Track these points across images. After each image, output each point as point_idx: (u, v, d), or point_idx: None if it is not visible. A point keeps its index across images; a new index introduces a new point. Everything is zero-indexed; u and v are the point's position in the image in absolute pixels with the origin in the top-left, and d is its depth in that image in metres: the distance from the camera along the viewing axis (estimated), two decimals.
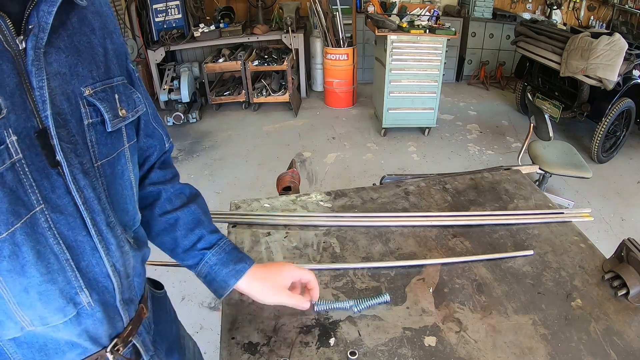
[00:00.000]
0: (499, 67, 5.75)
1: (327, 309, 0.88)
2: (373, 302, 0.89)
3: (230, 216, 1.17)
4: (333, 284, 0.96)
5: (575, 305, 0.89)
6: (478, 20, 5.52)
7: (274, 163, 3.86)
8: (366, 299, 0.90)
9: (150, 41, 5.04)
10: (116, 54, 0.63)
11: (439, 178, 1.38)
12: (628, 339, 0.81)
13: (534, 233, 1.12)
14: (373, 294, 0.92)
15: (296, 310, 0.86)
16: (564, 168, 2.84)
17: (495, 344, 0.81)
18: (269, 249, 1.07)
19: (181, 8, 4.84)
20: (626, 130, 3.93)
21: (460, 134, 4.48)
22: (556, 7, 5.55)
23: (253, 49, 5.30)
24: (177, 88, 4.73)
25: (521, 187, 1.32)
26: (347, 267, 1.00)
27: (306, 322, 0.86)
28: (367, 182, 3.49)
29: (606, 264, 0.99)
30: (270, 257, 1.05)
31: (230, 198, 1.51)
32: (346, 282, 0.97)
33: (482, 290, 0.94)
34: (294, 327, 0.85)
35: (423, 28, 3.93)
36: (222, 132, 4.58)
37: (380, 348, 0.80)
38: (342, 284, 0.96)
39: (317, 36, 5.11)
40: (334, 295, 0.93)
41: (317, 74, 5.48)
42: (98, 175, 0.57)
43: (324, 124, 4.71)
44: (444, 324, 0.86)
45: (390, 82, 4.06)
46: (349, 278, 0.98)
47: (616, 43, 3.34)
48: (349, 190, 1.31)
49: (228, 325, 0.86)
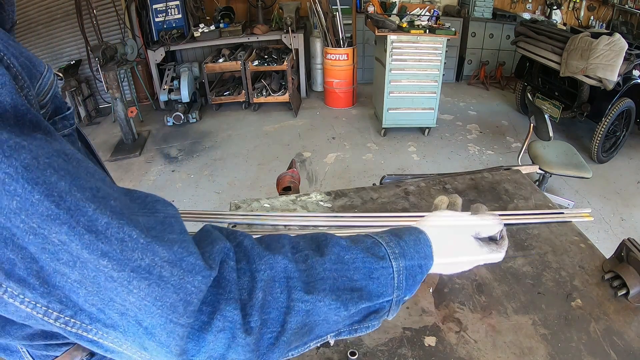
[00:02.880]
0: (499, 67, 5.75)
1: None
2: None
3: (230, 216, 1.17)
4: None
5: (575, 305, 0.89)
6: (478, 20, 5.52)
7: (274, 163, 3.87)
8: None
9: (150, 41, 5.04)
10: None
11: (439, 178, 1.38)
12: (628, 339, 0.81)
13: (534, 233, 1.11)
14: None
15: None
16: (564, 168, 2.84)
17: (495, 344, 0.81)
18: None
19: (181, 8, 4.85)
20: (626, 130, 3.93)
21: (460, 134, 4.48)
22: (556, 7, 5.55)
23: (253, 49, 5.30)
24: (177, 88, 4.73)
25: (521, 187, 1.32)
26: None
27: None
28: (367, 182, 3.49)
29: (606, 264, 0.98)
30: None
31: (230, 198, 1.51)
32: None
33: (482, 290, 0.94)
34: None
35: (423, 28, 3.93)
36: (222, 132, 4.58)
37: (380, 348, 0.80)
38: None
39: (317, 36, 5.11)
40: None
41: (317, 74, 5.48)
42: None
43: (324, 124, 4.71)
44: (444, 324, 0.86)
45: (390, 82, 4.06)
46: None
47: (616, 43, 3.34)
48: (349, 191, 1.31)
49: None
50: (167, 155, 4.15)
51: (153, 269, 0.36)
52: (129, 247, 0.36)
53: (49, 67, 0.53)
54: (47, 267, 0.35)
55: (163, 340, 0.37)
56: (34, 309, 0.36)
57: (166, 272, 0.37)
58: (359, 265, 0.48)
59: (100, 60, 3.94)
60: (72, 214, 0.34)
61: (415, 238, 0.55)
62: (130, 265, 0.35)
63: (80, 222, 0.34)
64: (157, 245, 0.37)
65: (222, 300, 0.40)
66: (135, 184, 3.64)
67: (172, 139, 4.48)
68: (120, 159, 4.11)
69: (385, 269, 0.50)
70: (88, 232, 0.34)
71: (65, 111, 0.53)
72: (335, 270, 0.47)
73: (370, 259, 0.49)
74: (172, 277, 0.37)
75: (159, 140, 4.48)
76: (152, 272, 0.36)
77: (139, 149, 4.23)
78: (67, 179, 0.35)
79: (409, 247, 0.53)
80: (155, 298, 0.36)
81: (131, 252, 0.36)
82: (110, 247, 0.35)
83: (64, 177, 0.35)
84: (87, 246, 0.34)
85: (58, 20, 4.81)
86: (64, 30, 4.88)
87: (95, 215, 0.35)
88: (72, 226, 0.34)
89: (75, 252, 0.34)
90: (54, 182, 0.34)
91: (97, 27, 4.46)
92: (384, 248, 0.52)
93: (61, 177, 0.35)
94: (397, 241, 0.53)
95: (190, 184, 3.58)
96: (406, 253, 0.52)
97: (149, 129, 4.71)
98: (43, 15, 4.77)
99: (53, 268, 0.35)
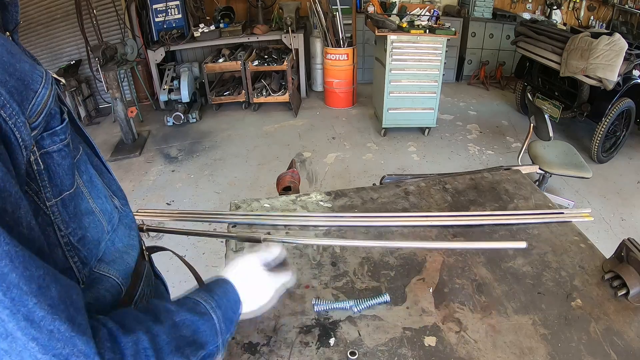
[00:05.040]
0: (499, 67, 5.75)
1: (327, 309, 0.88)
2: (373, 302, 0.89)
3: (230, 216, 1.17)
4: (333, 284, 0.96)
5: (575, 305, 0.89)
6: (478, 20, 5.52)
7: (274, 163, 3.86)
8: (366, 299, 0.90)
9: (150, 41, 5.04)
10: None
11: (439, 178, 1.38)
12: (628, 339, 0.81)
13: (534, 233, 1.12)
14: (373, 294, 0.92)
15: (296, 310, 0.86)
16: (564, 168, 2.84)
17: (495, 344, 0.81)
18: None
19: (181, 8, 4.85)
20: (626, 130, 3.93)
21: (460, 134, 4.48)
22: (556, 7, 5.55)
23: (253, 49, 5.30)
24: (177, 88, 4.73)
25: (521, 187, 1.32)
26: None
27: (306, 322, 0.86)
28: (367, 182, 3.49)
29: (606, 264, 0.99)
30: None
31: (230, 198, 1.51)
32: (346, 282, 0.97)
33: (482, 290, 0.94)
34: (294, 327, 0.85)
35: (423, 28, 3.93)
36: (222, 132, 4.58)
37: (380, 348, 0.80)
38: (342, 284, 0.96)
39: (317, 36, 5.11)
40: (333, 295, 0.93)
41: (317, 74, 5.48)
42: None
43: (324, 124, 4.71)
44: (444, 324, 0.86)
45: (390, 82, 4.06)
46: (348, 278, 0.98)
47: (616, 43, 3.34)
48: (349, 191, 1.31)
49: None
50: (167, 155, 4.15)
51: (70, 357, 0.43)
52: (56, 337, 0.42)
53: (47, 77, 0.52)
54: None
55: None
56: None
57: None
58: (189, 324, 0.58)
59: (100, 60, 3.94)
60: (15, 303, 0.40)
61: (224, 290, 0.67)
62: (53, 352, 0.42)
63: (21, 311, 0.40)
64: (78, 339, 0.44)
65: None
66: (135, 184, 3.64)
67: (172, 139, 4.47)
68: (120, 159, 4.11)
69: (208, 322, 0.61)
70: (25, 320, 0.41)
71: (56, 126, 0.53)
72: (173, 332, 0.56)
73: (195, 317, 0.59)
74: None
75: (159, 140, 4.48)
76: (68, 359, 0.43)
77: (139, 149, 4.23)
78: (18, 270, 0.40)
79: (221, 299, 0.64)
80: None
81: (56, 341, 0.42)
82: (40, 335, 0.41)
83: (16, 269, 0.40)
84: (22, 329, 0.41)
85: (58, 20, 4.81)
86: (64, 30, 4.88)
87: (34, 309, 0.41)
88: (13, 312, 0.40)
89: (10, 330, 0.40)
90: (6, 273, 0.39)
91: (97, 27, 4.46)
92: (202, 305, 0.62)
93: (13, 269, 0.40)
94: (211, 296, 0.64)
95: (190, 184, 3.57)
96: (220, 304, 0.63)
97: (149, 129, 4.71)
98: (43, 15, 4.77)
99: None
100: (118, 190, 0.71)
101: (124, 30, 4.79)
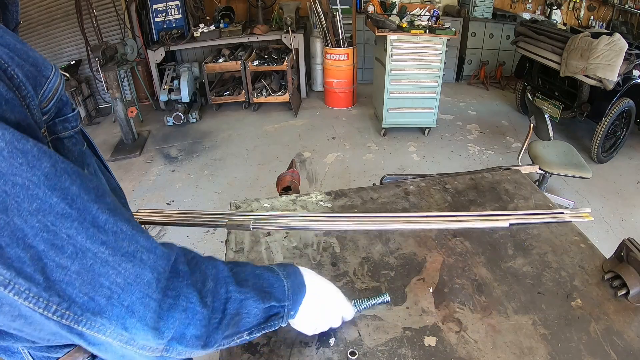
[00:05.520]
0: (499, 67, 5.75)
1: None
2: (373, 302, 0.89)
3: (230, 216, 1.17)
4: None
5: (575, 305, 0.89)
6: (478, 20, 5.53)
7: (274, 163, 3.87)
8: (366, 299, 0.90)
9: (150, 41, 5.04)
10: None
11: (439, 178, 1.38)
12: (628, 339, 0.81)
13: (534, 233, 1.11)
14: (373, 294, 0.92)
15: None
16: (564, 168, 2.84)
17: (495, 344, 0.81)
18: (269, 249, 1.07)
19: (181, 8, 4.85)
20: (626, 130, 3.93)
21: (460, 134, 4.48)
22: (556, 7, 5.55)
23: (253, 49, 5.30)
24: (177, 88, 4.73)
25: (521, 187, 1.32)
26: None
27: None
28: (367, 182, 3.49)
29: (606, 264, 0.98)
30: (270, 257, 1.05)
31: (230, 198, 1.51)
32: (346, 282, 0.97)
33: (482, 290, 0.94)
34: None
35: (423, 28, 3.93)
36: (222, 132, 4.58)
37: (380, 348, 0.80)
38: (342, 284, 0.96)
39: (317, 36, 5.11)
40: None
41: (317, 74, 5.48)
42: None
43: (324, 124, 4.71)
44: (444, 324, 0.86)
45: (390, 82, 4.06)
46: (349, 278, 0.98)
47: (616, 43, 3.34)
48: (349, 191, 1.31)
49: None
50: (167, 155, 4.15)
51: (136, 254, 0.47)
52: (120, 237, 0.46)
53: (56, 68, 0.54)
54: (51, 263, 0.41)
55: (141, 314, 0.46)
56: (36, 304, 0.42)
57: (145, 256, 0.47)
58: (266, 277, 0.65)
59: (100, 60, 3.94)
60: (81, 212, 0.43)
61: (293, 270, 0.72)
62: (121, 251, 0.45)
63: (87, 219, 0.43)
64: (139, 235, 0.48)
65: (183, 287, 0.50)
66: (135, 184, 3.64)
67: (172, 139, 4.47)
68: (120, 159, 4.11)
69: (280, 282, 0.67)
70: (92, 227, 0.44)
71: (68, 113, 0.55)
72: (252, 276, 0.63)
73: (271, 274, 0.66)
74: (149, 260, 0.47)
75: (159, 140, 4.48)
76: (136, 255, 0.46)
77: (139, 149, 4.23)
78: (77, 183, 0.44)
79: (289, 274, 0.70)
80: (137, 276, 0.46)
81: (122, 241, 0.46)
82: (107, 238, 0.45)
83: (74, 182, 0.44)
84: (91, 237, 0.43)
85: (58, 20, 4.81)
86: (64, 30, 4.88)
87: (98, 214, 0.45)
88: (81, 222, 0.43)
89: (80, 244, 0.43)
90: (68, 186, 0.43)
91: (97, 27, 4.46)
92: (277, 270, 0.68)
93: (73, 182, 0.43)
94: (282, 266, 0.71)
95: (190, 184, 3.57)
96: (289, 275, 0.69)
97: (149, 129, 4.71)
98: (43, 15, 4.77)
99: (57, 263, 0.42)
100: (118, 190, 0.72)
101: (124, 30, 4.79)
